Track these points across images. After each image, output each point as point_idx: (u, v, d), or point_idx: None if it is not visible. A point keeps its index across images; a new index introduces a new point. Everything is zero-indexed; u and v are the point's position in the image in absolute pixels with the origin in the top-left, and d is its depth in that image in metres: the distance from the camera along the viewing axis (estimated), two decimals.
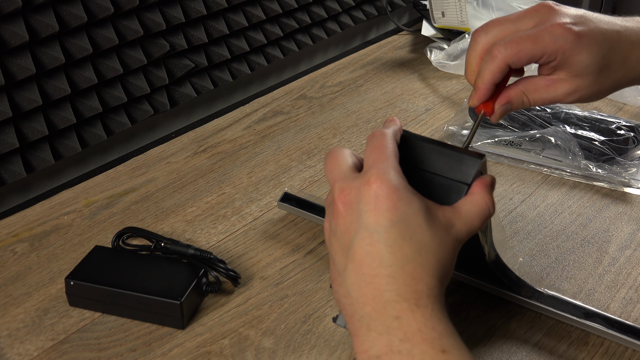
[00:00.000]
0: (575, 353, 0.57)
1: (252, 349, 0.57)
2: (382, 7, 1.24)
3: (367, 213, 0.43)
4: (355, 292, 0.44)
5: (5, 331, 0.59)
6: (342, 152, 0.48)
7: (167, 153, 0.86)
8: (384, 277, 0.42)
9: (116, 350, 0.57)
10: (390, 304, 0.42)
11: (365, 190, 0.44)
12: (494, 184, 0.49)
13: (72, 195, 0.78)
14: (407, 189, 0.44)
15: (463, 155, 0.49)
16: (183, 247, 0.64)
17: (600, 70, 0.52)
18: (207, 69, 0.97)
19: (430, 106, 0.97)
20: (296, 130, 0.91)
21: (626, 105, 0.96)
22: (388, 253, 0.43)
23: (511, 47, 0.51)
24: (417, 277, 0.43)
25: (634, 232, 0.71)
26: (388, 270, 0.42)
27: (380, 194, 0.43)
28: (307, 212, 0.72)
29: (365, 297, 0.43)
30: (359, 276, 0.43)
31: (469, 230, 0.46)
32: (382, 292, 0.42)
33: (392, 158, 0.46)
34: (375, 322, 0.42)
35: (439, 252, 0.44)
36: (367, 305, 0.43)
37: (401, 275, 0.42)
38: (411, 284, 0.42)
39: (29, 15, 0.73)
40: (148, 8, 0.86)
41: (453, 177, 0.48)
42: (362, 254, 0.43)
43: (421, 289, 0.42)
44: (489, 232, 0.55)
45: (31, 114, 0.77)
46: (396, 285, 0.42)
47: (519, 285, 0.61)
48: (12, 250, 0.69)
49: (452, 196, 0.48)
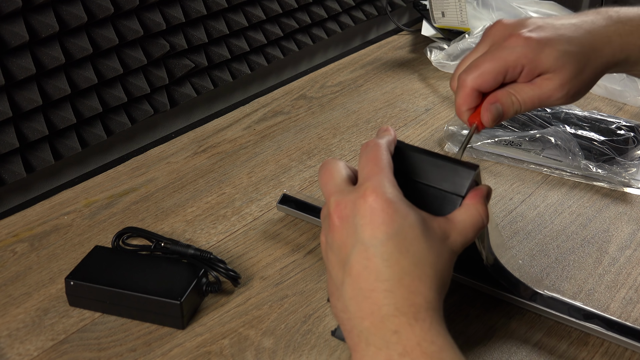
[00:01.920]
0: (575, 353, 0.57)
1: (252, 349, 0.57)
2: (382, 7, 1.24)
3: (363, 227, 0.43)
4: (353, 306, 0.43)
5: (5, 331, 0.59)
6: (336, 164, 0.48)
7: (167, 153, 0.86)
8: (381, 292, 0.42)
9: (116, 350, 0.57)
10: (388, 319, 0.42)
11: (361, 204, 0.43)
12: (490, 195, 0.49)
13: (72, 195, 0.78)
14: (402, 201, 0.44)
15: (457, 166, 0.48)
16: (183, 247, 0.64)
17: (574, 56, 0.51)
18: (207, 69, 0.97)
19: (430, 106, 0.96)
20: (296, 130, 0.91)
21: (626, 105, 0.96)
22: (385, 267, 0.42)
23: (472, 71, 0.52)
24: (415, 290, 0.42)
25: (634, 232, 0.71)
26: (385, 284, 0.42)
27: (375, 207, 0.43)
28: (305, 214, 0.72)
29: (363, 311, 0.43)
30: (357, 291, 0.43)
31: (464, 241, 0.46)
32: (380, 307, 0.42)
33: (387, 170, 0.45)
34: (374, 336, 0.42)
35: (436, 263, 0.44)
36: (366, 320, 0.43)
37: (399, 289, 0.42)
38: (409, 297, 0.42)
39: (29, 15, 0.73)
40: (148, 8, 0.86)
41: (447, 189, 0.48)
42: (359, 269, 0.43)
43: (419, 302, 0.42)
44: (485, 237, 0.55)
45: (31, 114, 0.77)
46: (394, 299, 0.42)
47: (518, 287, 0.61)
48: (12, 250, 0.69)
49: (446, 208, 0.47)
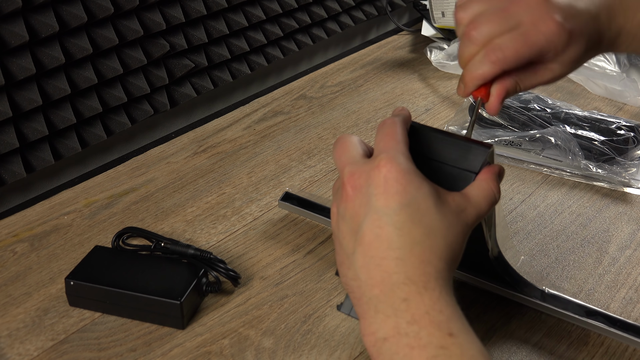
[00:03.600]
0: (575, 353, 0.57)
1: (252, 349, 0.57)
2: (382, 7, 1.24)
3: (377, 196, 0.43)
4: (364, 274, 0.43)
5: (5, 331, 0.59)
6: (351, 138, 0.48)
7: (167, 153, 0.86)
8: (392, 260, 0.42)
9: (116, 350, 0.57)
10: (398, 286, 0.42)
11: (375, 174, 0.44)
12: (502, 174, 0.49)
13: (72, 195, 0.78)
14: (416, 173, 0.44)
15: (471, 144, 0.49)
16: (183, 247, 0.64)
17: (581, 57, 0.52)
18: (207, 69, 0.97)
19: (430, 106, 0.96)
20: (296, 130, 0.91)
21: (626, 105, 0.96)
22: (397, 236, 0.43)
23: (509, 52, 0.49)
24: (426, 260, 0.42)
25: (634, 232, 0.71)
26: (397, 252, 0.42)
27: (389, 177, 0.43)
28: (308, 211, 0.72)
29: (373, 279, 0.43)
30: (368, 259, 0.43)
31: (478, 214, 0.46)
32: (391, 275, 0.42)
33: (402, 144, 0.46)
34: (382, 304, 0.42)
35: (447, 235, 0.44)
36: (375, 288, 0.43)
37: (410, 258, 0.42)
38: (420, 266, 0.42)
39: (29, 15, 0.73)
40: (148, 8, 0.86)
41: (461, 166, 0.49)
42: (371, 237, 0.43)
43: (429, 272, 0.42)
44: (492, 226, 0.55)
45: (31, 114, 0.77)
46: (405, 267, 0.42)
47: (521, 283, 0.61)
48: (12, 250, 0.69)
49: (460, 184, 0.48)
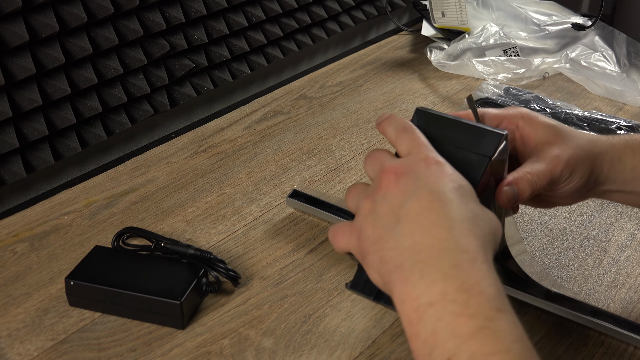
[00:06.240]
0: (575, 353, 0.57)
1: (252, 349, 0.57)
2: (382, 7, 1.24)
3: (427, 177, 0.44)
4: (408, 241, 0.42)
5: (5, 331, 0.59)
6: (384, 151, 0.49)
7: (167, 153, 0.86)
8: (443, 228, 0.42)
9: (116, 350, 0.57)
10: (449, 252, 0.41)
11: (422, 166, 0.45)
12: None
13: (72, 195, 0.78)
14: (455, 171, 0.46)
15: (485, 129, 0.50)
16: (183, 247, 0.64)
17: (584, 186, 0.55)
18: (207, 69, 0.97)
19: (430, 106, 0.96)
20: (296, 130, 0.91)
21: (626, 105, 0.96)
22: (447, 209, 0.42)
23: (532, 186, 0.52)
24: (474, 234, 0.42)
25: (634, 232, 0.71)
26: (448, 222, 0.42)
27: (436, 167, 0.45)
28: (316, 208, 0.72)
29: (420, 245, 0.42)
30: (415, 227, 0.43)
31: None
32: (441, 241, 0.41)
33: (427, 144, 0.47)
34: (430, 268, 0.41)
35: (489, 222, 0.44)
36: (423, 253, 0.41)
37: (460, 230, 0.42)
38: (470, 237, 0.42)
39: (29, 15, 0.73)
40: (148, 8, 0.86)
41: (475, 150, 0.49)
42: (419, 209, 0.43)
43: (479, 245, 0.42)
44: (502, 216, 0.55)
45: (31, 114, 0.77)
46: (456, 236, 0.42)
47: (526, 282, 0.60)
48: (12, 250, 0.69)
49: (474, 169, 0.48)
